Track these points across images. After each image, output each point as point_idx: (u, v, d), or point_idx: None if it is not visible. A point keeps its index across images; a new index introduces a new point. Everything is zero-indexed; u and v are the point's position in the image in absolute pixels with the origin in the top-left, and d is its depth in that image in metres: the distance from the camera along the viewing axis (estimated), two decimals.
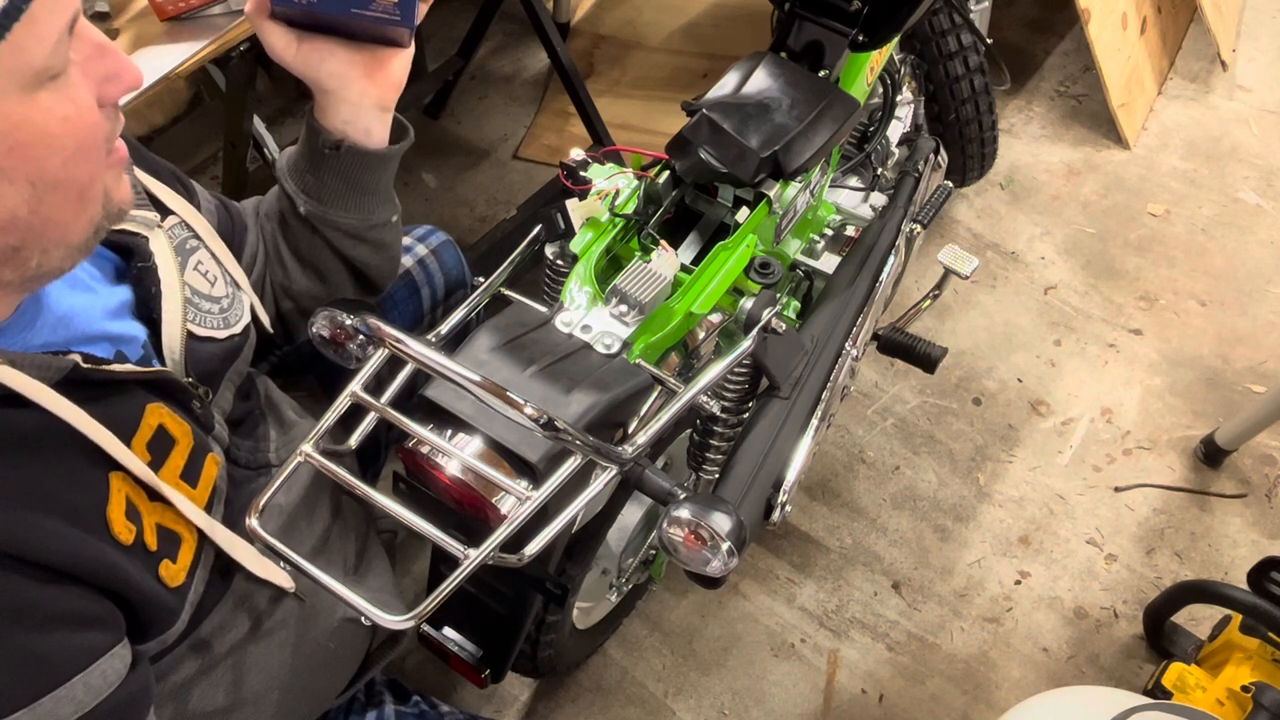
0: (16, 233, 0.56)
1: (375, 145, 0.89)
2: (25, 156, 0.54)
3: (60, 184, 0.57)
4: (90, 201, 0.60)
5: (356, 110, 0.86)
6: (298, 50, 0.82)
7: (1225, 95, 2.52)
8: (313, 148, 0.89)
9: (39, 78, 0.53)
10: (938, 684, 1.58)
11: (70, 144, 0.56)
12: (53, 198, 0.57)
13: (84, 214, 0.60)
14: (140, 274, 0.75)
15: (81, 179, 0.58)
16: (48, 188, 0.56)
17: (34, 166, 0.55)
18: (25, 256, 0.58)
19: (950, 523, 1.76)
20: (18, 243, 0.57)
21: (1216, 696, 1.33)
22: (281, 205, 0.95)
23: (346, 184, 0.91)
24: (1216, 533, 1.74)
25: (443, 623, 1.22)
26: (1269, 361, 1.98)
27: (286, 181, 0.93)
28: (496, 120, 2.51)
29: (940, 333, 2.02)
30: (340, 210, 0.92)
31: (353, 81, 0.84)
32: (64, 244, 0.60)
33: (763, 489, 1.11)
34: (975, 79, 1.76)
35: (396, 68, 0.86)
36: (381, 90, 0.86)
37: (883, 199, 1.56)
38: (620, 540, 1.35)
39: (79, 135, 0.57)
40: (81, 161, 0.58)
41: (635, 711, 1.56)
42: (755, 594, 1.67)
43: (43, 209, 0.57)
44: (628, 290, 1.09)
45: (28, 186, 0.55)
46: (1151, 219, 2.24)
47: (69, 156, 0.56)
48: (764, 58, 1.30)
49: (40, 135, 0.54)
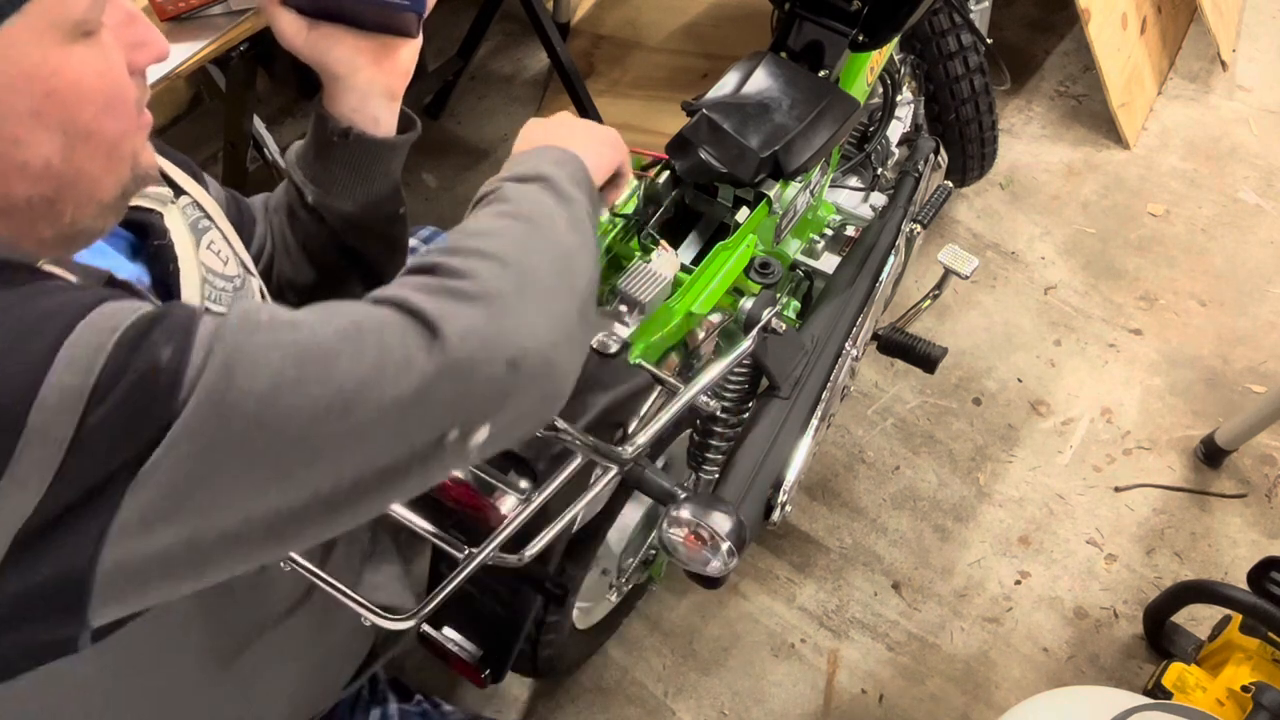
0: (51, 181, 0.59)
1: (383, 134, 0.90)
2: (60, 103, 0.57)
3: (92, 135, 0.59)
4: (119, 160, 0.63)
5: (365, 98, 0.87)
6: (308, 36, 0.83)
7: (1225, 95, 2.52)
8: (321, 137, 0.90)
9: (76, 30, 0.56)
10: (938, 684, 1.58)
11: (101, 97, 0.59)
12: (84, 149, 0.59)
13: (113, 171, 0.62)
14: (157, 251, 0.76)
15: (111, 134, 0.61)
16: (80, 137, 0.58)
17: (68, 114, 0.57)
18: (60, 210, 0.60)
19: (950, 523, 1.76)
20: (52, 193, 0.59)
21: (1216, 696, 1.33)
22: (289, 197, 0.96)
23: (354, 173, 0.91)
24: (1216, 533, 1.74)
25: (443, 623, 1.22)
26: (1269, 361, 1.98)
27: (295, 172, 0.93)
28: (496, 120, 2.51)
29: (940, 333, 2.02)
30: (348, 200, 0.93)
31: (361, 68, 0.85)
32: (95, 200, 0.62)
33: (763, 489, 1.12)
34: (975, 79, 1.76)
35: (405, 56, 0.87)
36: (389, 78, 0.87)
37: (883, 199, 1.56)
38: (620, 540, 1.36)
39: (109, 90, 0.60)
40: (111, 116, 0.60)
41: (635, 711, 1.56)
42: (755, 594, 1.67)
43: (75, 159, 0.59)
44: (628, 290, 1.09)
45: (61, 134, 0.57)
46: (1151, 219, 2.24)
47: (100, 109, 0.59)
48: (764, 58, 1.30)
49: (75, 84, 0.57)
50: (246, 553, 0.57)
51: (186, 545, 0.54)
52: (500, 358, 0.59)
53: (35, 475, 0.50)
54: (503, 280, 0.62)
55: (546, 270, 0.65)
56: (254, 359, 0.54)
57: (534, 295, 0.63)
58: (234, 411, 0.53)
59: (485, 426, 0.60)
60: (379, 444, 0.57)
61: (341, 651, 0.95)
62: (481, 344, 0.59)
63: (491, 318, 0.60)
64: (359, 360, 0.56)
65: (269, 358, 0.54)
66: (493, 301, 0.61)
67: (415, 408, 0.57)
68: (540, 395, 0.63)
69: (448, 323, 0.58)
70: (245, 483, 0.54)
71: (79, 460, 0.51)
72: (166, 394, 0.52)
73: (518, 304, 0.61)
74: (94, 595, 0.53)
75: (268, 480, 0.54)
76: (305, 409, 0.54)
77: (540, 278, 0.64)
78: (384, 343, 0.57)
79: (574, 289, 0.67)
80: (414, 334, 0.58)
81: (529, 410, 0.63)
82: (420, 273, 0.65)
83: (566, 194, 0.76)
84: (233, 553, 0.56)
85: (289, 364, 0.55)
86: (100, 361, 0.52)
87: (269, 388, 0.54)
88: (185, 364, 0.53)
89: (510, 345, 0.60)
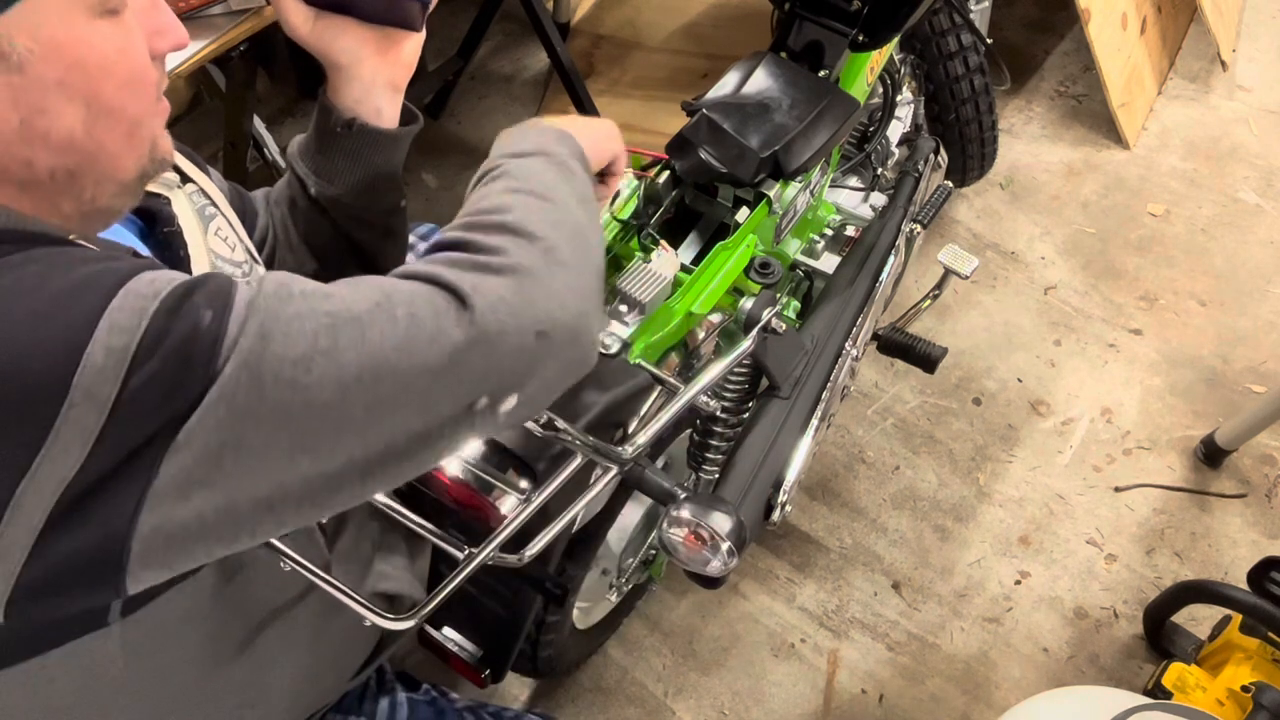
0: (73, 154, 0.60)
1: (386, 125, 0.91)
2: (84, 74, 0.58)
3: (113, 111, 0.61)
4: (139, 141, 0.64)
5: (368, 89, 0.88)
6: (313, 26, 0.84)
7: (1225, 95, 2.52)
8: (324, 127, 0.90)
9: (100, 5, 0.59)
10: (938, 684, 1.58)
11: (123, 73, 0.61)
12: (105, 124, 0.61)
13: (133, 151, 0.64)
14: (167, 238, 0.77)
15: (133, 112, 0.62)
16: (102, 112, 0.60)
17: (91, 87, 0.59)
18: (80, 186, 0.62)
19: (950, 523, 1.76)
20: (74, 166, 0.61)
21: (1216, 696, 1.33)
22: (292, 190, 0.96)
23: (356, 164, 0.92)
24: (1216, 533, 1.74)
25: (443, 623, 1.22)
26: (1269, 361, 1.98)
27: (297, 164, 0.94)
28: (496, 120, 2.50)
29: (940, 333, 2.02)
30: (350, 192, 0.93)
31: (365, 59, 0.86)
32: (115, 178, 0.64)
33: (763, 489, 1.12)
34: (975, 79, 1.76)
35: (408, 49, 0.88)
36: (393, 69, 0.88)
37: (883, 199, 1.56)
38: (620, 540, 1.36)
39: (131, 68, 0.62)
40: (132, 94, 0.62)
41: (635, 711, 1.56)
42: (755, 594, 1.67)
43: (96, 133, 0.61)
44: (628, 290, 1.09)
45: (84, 107, 0.59)
46: (1151, 219, 2.24)
47: (121, 84, 0.61)
48: (764, 58, 1.30)
49: (99, 58, 0.59)
50: (280, 518, 0.58)
51: (223, 510, 0.55)
52: (530, 328, 0.61)
53: (79, 438, 0.51)
54: (529, 253, 0.64)
55: (566, 243, 0.67)
56: (289, 326, 0.55)
57: (559, 267, 0.64)
58: (269, 376, 0.54)
59: (514, 395, 0.62)
60: (410, 411, 0.58)
61: (349, 641, 0.96)
62: (511, 314, 0.60)
63: (520, 289, 0.61)
64: (391, 330, 0.57)
65: (303, 326, 0.56)
66: (521, 274, 0.62)
67: (446, 376, 0.58)
68: (566, 363, 0.65)
69: (478, 295, 0.60)
70: (279, 448, 0.55)
71: (121, 422, 0.51)
72: (206, 358, 0.53)
73: (545, 276, 0.63)
74: (132, 559, 0.54)
75: (301, 445, 0.56)
76: (338, 376, 0.55)
77: (562, 250, 0.66)
78: (415, 313, 0.58)
79: (591, 261, 0.69)
80: (445, 305, 0.59)
81: (555, 378, 0.65)
82: (447, 248, 0.66)
83: (568, 168, 0.77)
84: (266, 518, 0.57)
85: (322, 332, 0.56)
86: (143, 325, 0.53)
87: (303, 354, 0.55)
88: (224, 329, 0.54)
89: (539, 315, 0.61)
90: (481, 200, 0.72)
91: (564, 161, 0.78)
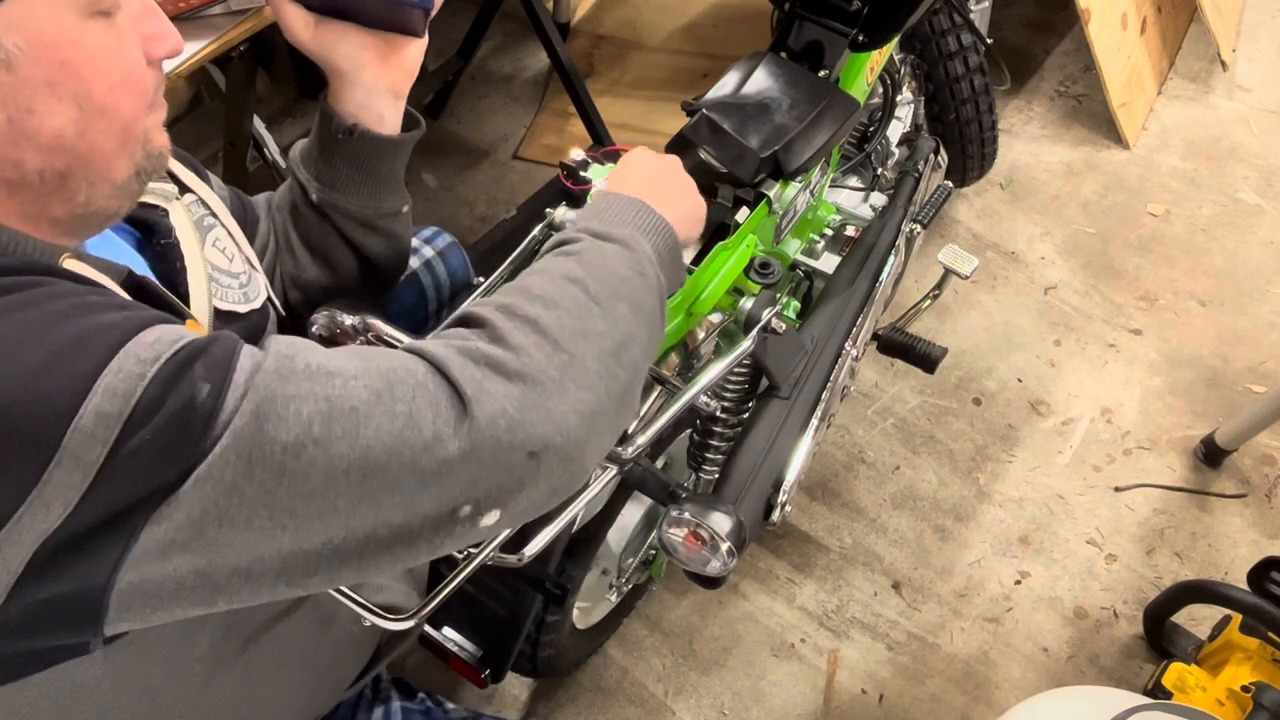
0: (63, 155, 0.60)
1: (388, 131, 0.90)
2: (74, 74, 0.58)
3: (105, 111, 0.61)
4: (132, 141, 0.64)
5: (370, 95, 0.87)
6: (315, 32, 0.84)
7: (1225, 95, 2.52)
8: (325, 134, 0.90)
9: (91, 6, 0.58)
10: (938, 684, 1.58)
11: (116, 74, 0.61)
12: (98, 125, 0.61)
13: (126, 151, 0.64)
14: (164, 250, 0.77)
15: (125, 113, 0.62)
16: (94, 112, 0.60)
17: (81, 87, 0.59)
18: (73, 188, 0.61)
19: (950, 523, 1.76)
20: (65, 168, 0.60)
21: (1216, 696, 1.33)
22: (293, 195, 0.96)
23: (358, 170, 0.91)
24: (1216, 533, 1.74)
25: (443, 623, 1.22)
26: (1269, 361, 1.98)
27: (299, 169, 0.94)
28: (496, 120, 2.51)
29: (940, 333, 2.02)
30: (352, 197, 0.93)
31: (367, 65, 0.86)
32: (108, 180, 0.63)
33: (763, 489, 1.11)
34: (975, 79, 1.76)
35: (410, 55, 0.88)
36: (395, 76, 0.88)
37: (883, 199, 1.56)
38: (620, 540, 1.36)
39: (124, 69, 0.61)
40: (125, 94, 0.62)
41: (635, 711, 1.56)
42: (755, 594, 1.67)
43: (88, 134, 0.60)
44: None
45: (75, 107, 0.59)
46: (1151, 219, 2.25)
47: (113, 84, 0.61)
48: (764, 58, 1.30)
49: (89, 58, 0.59)
50: (256, 589, 0.58)
51: (199, 575, 0.55)
52: (523, 446, 0.60)
53: (62, 496, 0.50)
54: (549, 364, 0.62)
55: (594, 359, 0.65)
56: (285, 409, 0.55)
57: (574, 386, 0.62)
58: (260, 459, 0.54)
59: (497, 510, 0.61)
60: (392, 507, 0.58)
61: (346, 651, 0.95)
62: (509, 429, 0.59)
63: (524, 403, 0.60)
64: (387, 426, 0.57)
65: (300, 409, 0.55)
66: (530, 384, 0.61)
67: (433, 482, 0.58)
68: (554, 486, 0.63)
69: (480, 402, 0.59)
70: (261, 525, 0.55)
71: (106, 486, 0.51)
72: (199, 434, 0.53)
73: (555, 392, 0.61)
74: (109, 611, 0.54)
75: (282, 524, 0.55)
76: (326, 466, 0.55)
77: (586, 367, 0.64)
78: (414, 413, 0.58)
79: (616, 381, 0.66)
80: (446, 407, 0.58)
81: (542, 498, 0.64)
82: (469, 325, 0.65)
83: (644, 270, 0.74)
84: (243, 587, 0.57)
85: (318, 420, 0.55)
86: (139, 391, 0.52)
87: (295, 440, 0.55)
88: (220, 406, 0.54)
89: (535, 435, 0.60)
90: (536, 278, 0.70)
91: (642, 260, 0.75)
